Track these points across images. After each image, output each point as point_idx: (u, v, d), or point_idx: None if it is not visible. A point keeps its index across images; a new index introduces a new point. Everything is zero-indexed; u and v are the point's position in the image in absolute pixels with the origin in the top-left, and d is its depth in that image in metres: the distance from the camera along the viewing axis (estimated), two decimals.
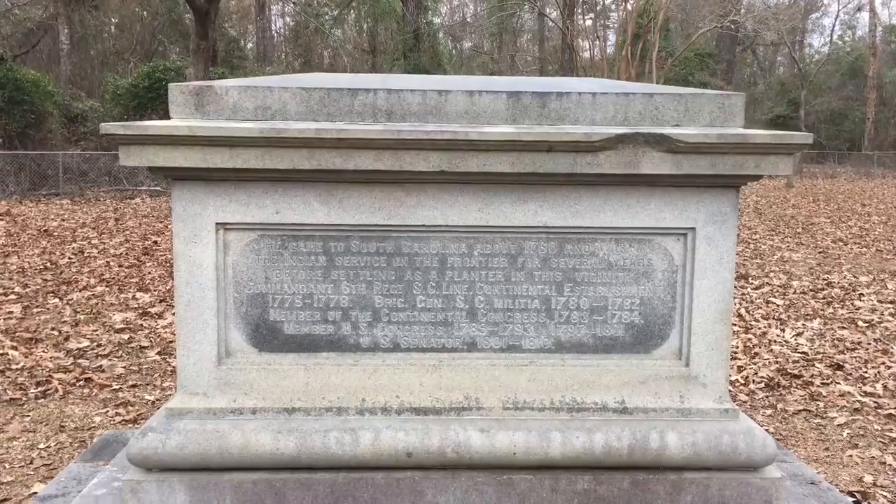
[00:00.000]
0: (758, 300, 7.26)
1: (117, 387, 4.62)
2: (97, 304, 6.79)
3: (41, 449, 3.64)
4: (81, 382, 4.69)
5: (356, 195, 2.06)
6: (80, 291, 7.30)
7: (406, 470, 2.06)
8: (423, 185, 2.06)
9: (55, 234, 11.30)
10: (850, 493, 3.11)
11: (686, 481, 2.06)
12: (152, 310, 6.55)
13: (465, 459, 2.04)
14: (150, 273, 8.27)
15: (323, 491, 2.03)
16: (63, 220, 13.18)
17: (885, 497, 3.14)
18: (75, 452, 3.55)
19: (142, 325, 6.07)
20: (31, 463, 3.48)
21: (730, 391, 2.15)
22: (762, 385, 4.72)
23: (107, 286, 7.56)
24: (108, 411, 4.20)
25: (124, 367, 4.97)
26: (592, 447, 2.04)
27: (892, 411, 4.25)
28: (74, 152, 19.39)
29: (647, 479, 2.07)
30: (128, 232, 11.60)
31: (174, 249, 2.04)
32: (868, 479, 3.37)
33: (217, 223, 2.03)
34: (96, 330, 5.90)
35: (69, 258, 9.16)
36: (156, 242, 10.45)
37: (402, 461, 2.04)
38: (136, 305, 6.71)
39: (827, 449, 3.75)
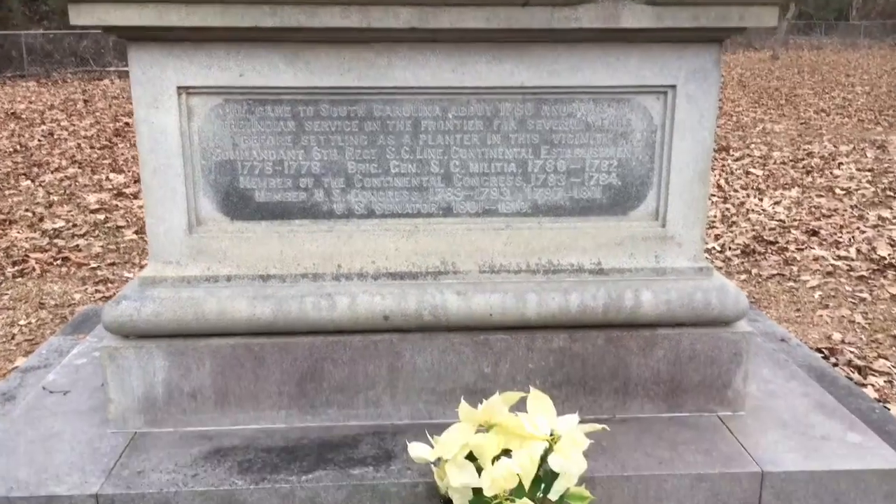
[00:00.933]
0: (738, 171, 7.27)
1: (95, 265, 4.61)
2: (70, 185, 6.68)
3: (22, 325, 3.66)
4: (59, 262, 4.67)
5: (324, 56, 1.97)
6: (53, 173, 7.16)
7: (383, 333, 2.08)
8: (393, 46, 1.97)
9: (23, 116, 10.98)
10: (818, 350, 3.21)
11: (659, 337, 2.10)
12: (127, 190, 6.46)
13: (442, 322, 2.06)
14: (122, 154, 8.11)
15: (301, 354, 2.05)
16: (30, 102, 12.78)
17: (851, 353, 3.25)
18: (56, 328, 3.57)
19: (117, 205, 6.00)
20: (12, 339, 3.50)
21: (706, 257, 2.16)
22: (738, 252, 4.79)
23: (79, 168, 7.43)
24: (87, 289, 4.20)
25: (101, 247, 4.95)
26: (568, 307, 2.07)
27: (863, 273, 4.35)
28: (37, 32, 18.57)
29: (622, 336, 2.10)
30: (98, 114, 11.29)
31: (136, 116, 1.96)
32: (836, 336, 3.48)
33: (178, 87, 1.94)
34: (71, 211, 5.83)
35: (39, 140, 8.94)
36: (127, 124, 10.20)
37: (380, 324, 2.06)
38: (111, 186, 6.62)
39: (798, 310, 3.85)
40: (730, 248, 4.84)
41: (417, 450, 1.66)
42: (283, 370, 2.06)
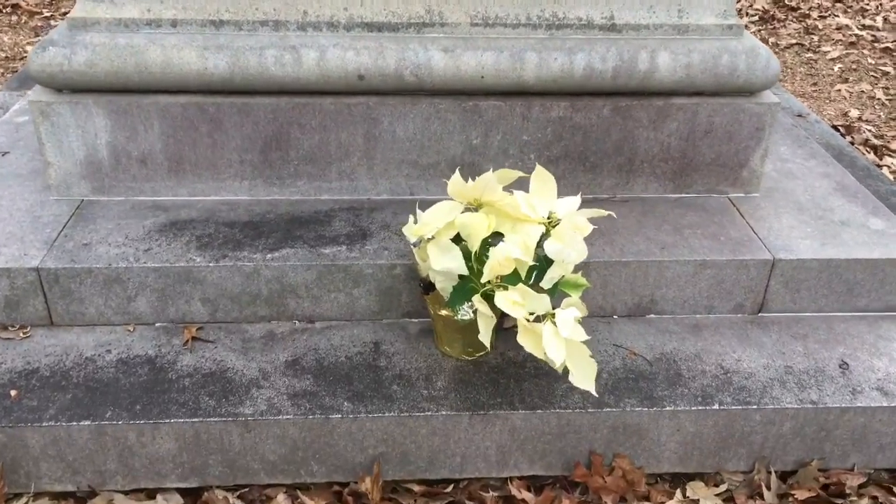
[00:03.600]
0: None
1: (48, 14, 4.17)
2: None
3: None
4: (8, 9, 4.22)
5: None
6: None
7: (359, 95, 1.80)
8: None
9: None
10: (834, 127, 2.96)
11: (673, 107, 1.84)
12: None
13: (426, 83, 1.78)
14: None
15: (265, 117, 1.78)
16: None
17: (868, 131, 3.01)
18: (4, 82, 3.25)
19: None
20: None
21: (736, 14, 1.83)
22: (756, 18, 4.37)
23: None
24: (39, 39, 3.80)
25: None
26: (572, 69, 1.77)
27: (889, 45, 3.99)
28: None
29: (630, 106, 1.84)
30: None
31: None
32: (854, 113, 3.22)
33: None
34: None
35: None
36: None
37: (354, 85, 1.77)
38: None
39: (815, 84, 3.55)
40: (747, 14, 4.41)
41: (404, 229, 1.47)
42: (244, 135, 1.80)
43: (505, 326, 1.62)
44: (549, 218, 1.41)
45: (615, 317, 1.75)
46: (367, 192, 1.90)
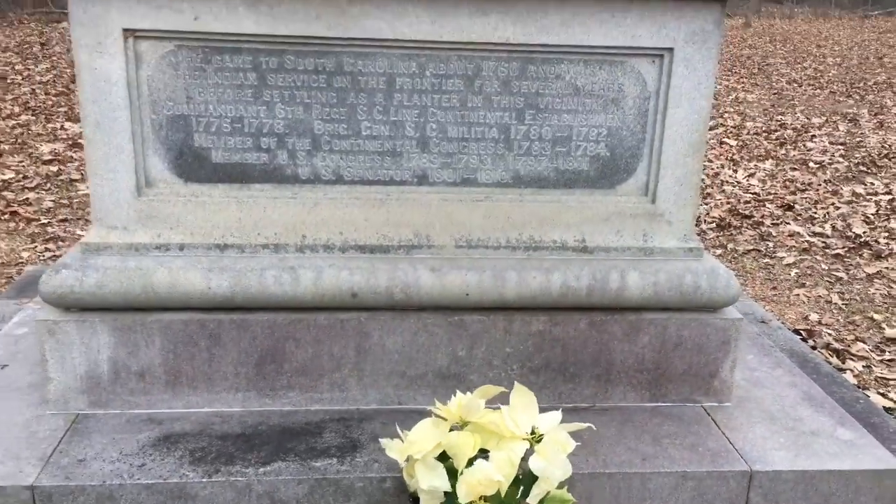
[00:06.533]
0: (712, 141, 7.17)
1: (46, 221, 4.36)
2: (22, 133, 6.33)
3: None
4: (6, 216, 4.41)
5: (289, 0, 1.76)
6: (4, 120, 6.79)
7: (351, 311, 1.92)
8: None
9: None
10: (796, 331, 3.12)
11: (644, 322, 1.97)
12: (83, 141, 6.15)
13: (414, 300, 1.91)
14: (79, 102, 7.74)
15: (262, 332, 1.88)
16: None
17: (829, 335, 3.17)
18: (1, 289, 3.35)
19: (72, 156, 5.70)
20: None
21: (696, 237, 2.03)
22: (713, 225, 4.70)
23: (32, 115, 7.05)
24: (36, 247, 3.96)
25: (53, 201, 4.68)
26: (550, 287, 1.92)
27: (839, 251, 4.28)
28: None
29: (605, 320, 1.97)
30: (55, 58, 10.76)
31: (76, 61, 1.75)
32: (814, 317, 3.40)
33: (125, 29, 1.72)
34: (22, 161, 5.52)
35: None
36: None
37: (347, 301, 1.89)
38: (65, 136, 6.28)
39: (775, 288, 3.77)
40: (705, 222, 4.74)
41: (388, 446, 1.52)
42: (241, 349, 1.89)
43: None
44: (532, 433, 1.48)
45: None
46: (357, 402, 1.96)
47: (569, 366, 1.99)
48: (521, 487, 1.44)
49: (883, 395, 2.73)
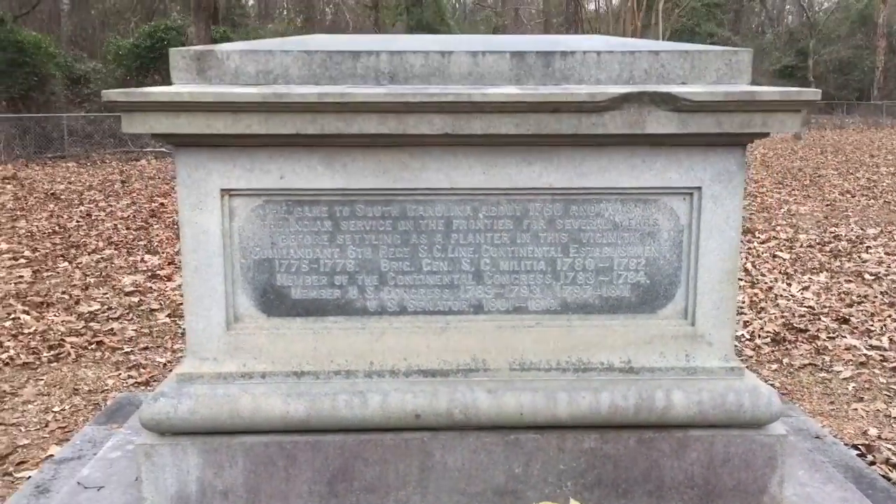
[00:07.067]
0: (764, 254, 7.25)
1: (129, 349, 4.67)
2: (106, 267, 6.83)
3: (56, 412, 3.70)
4: (93, 346, 4.74)
5: (361, 159, 2.05)
6: (89, 255, 7.33)
7: (414, 431, 2.09)
8: (427, 148, 2.05)
9: (62, 197, 11.31)
10: (854, 447, 3.14)
11: (691, 439, 2.09)
12: (161, 272, 6.58)
13: (472, 420, 2.07)
14: (157, 235, 8.29)
15: (333, 452, 2.06)
16: (69, 182, 13.17)
17: (889, 450, 3.17)
18: (89, 415, 3.61)
19: (151, 287, 6.11)
20: (46, 426, 3.54)
21: (736, 346, 2.16)
22: (768, 340, 4.74)
23: (115, 249, 7.60)
24: (120, 374, 4.25)
25: (135, 330, 5.02)
26: (598, 406, 2.07)
27: None
28: (79, 115, 19.28)
29: (653, 438, 2.09)
30: (134, 194, 11.59)
31: (180, 216, 2.04)
32: (873, 432, 3.41)
33: (222, 189, 2.03)
34: (106, 293, 5.94)
35: (77, 221, 9.18)
36: (162, 204, 10.46)
37: (411, 422, 2.07)
38: (145, 268, 6.75)
39: (832, 403, 3.78)
40: (759, 336, 4.80)
41: None
42: (315, 469, 2.07)
43: None
44: None
45: None
46: None
47: (620, 482, 2.10)
48: None
49: None
